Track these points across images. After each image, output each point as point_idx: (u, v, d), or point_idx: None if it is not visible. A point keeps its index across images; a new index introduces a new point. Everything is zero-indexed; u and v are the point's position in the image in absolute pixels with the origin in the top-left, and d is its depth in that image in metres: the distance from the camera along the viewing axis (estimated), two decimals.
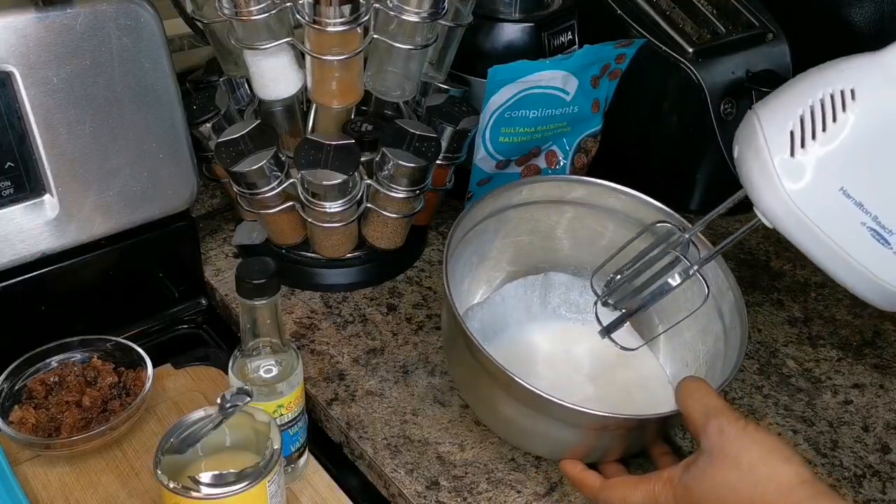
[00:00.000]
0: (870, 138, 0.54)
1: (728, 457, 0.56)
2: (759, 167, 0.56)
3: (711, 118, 0.92)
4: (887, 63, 0.54)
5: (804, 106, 0.55)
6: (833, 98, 0.54)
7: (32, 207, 0.72)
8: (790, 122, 0.55)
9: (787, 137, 0.55)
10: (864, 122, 0.54)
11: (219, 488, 0.55)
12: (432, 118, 0.85)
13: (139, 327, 0.85)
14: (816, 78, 0.56)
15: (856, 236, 0.56)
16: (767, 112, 0.58)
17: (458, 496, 0.68)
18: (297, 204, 0.82)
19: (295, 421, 0.65)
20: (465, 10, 0.83)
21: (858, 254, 0.56)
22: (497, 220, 0.79)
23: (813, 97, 0.55)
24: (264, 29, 0.75)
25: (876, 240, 0.56)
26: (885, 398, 0.81)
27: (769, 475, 0.55)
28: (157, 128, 0.76)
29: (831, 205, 0.55)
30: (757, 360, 0.84)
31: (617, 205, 0.79)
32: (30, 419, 0.69)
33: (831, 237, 0.56)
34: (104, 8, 0.69)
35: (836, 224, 0.56)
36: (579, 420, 0.63)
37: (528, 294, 0.83)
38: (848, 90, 0.54)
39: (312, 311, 0.86)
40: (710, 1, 0.99)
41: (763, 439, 0.56)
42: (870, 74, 0.54)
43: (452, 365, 0.76)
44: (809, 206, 0.56)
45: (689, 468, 0.58)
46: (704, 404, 0.59)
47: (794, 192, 0.55)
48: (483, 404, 0.71)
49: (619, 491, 0.62)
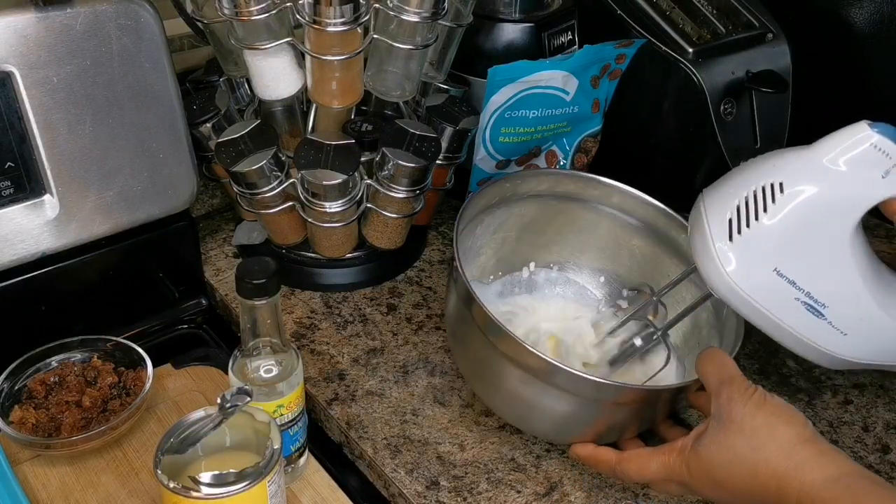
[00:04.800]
0: (797, 224, 0.61)
1: (733, 422, 0.58)
2: (703, 249, 0.63)
3: (711, 118, 0.92)
4: (813, 159, 0.61)
5: (740, 197, 0.62)
6: (765, 190, 0.61)
7: (32, 207, 0.72)
8: (728, 211, 0.62)
9: (727, 224, 0.62)
10: (791, 211, 0.61)
11: (219, 488, 0.55)
12: (432, 118, 0.85)
13: (139, 327, 0.85)
14: (752, 170, 0.63)
15: (792, 310, 0.63)
16: (711, 199, 0.65)
17: (458, 496, 0.68)
18: (297, 204, 0.82)
19: (295, 421, 0.65)
20: (465, 10, 0.83)
21: (797, 325, 0.63)
22: (493, 214, 0.80)
23: (748, 189, 0.62)
24: (264, 29, 0.75)
25: (811, 313, 0.63)
26: (885, 398, 0.81)
27: (770, 437, 0.57)
28: (157, 128, 0.76)
29: (767, 283, 0.62)
30: (757, 360, 0.84)
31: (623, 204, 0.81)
32: (30, 419, 0.69)
33: (770, 311, 0.63)
34: (104, 8, 0.69)
35: (773, 300, 0.62)
36: (596, 392, 0.64)
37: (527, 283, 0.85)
38: (777, 183, 0.61)
39: (312, 311, 0.86)
40: (710, 1, 0.99)
41: (768, 405, 0.58)
42: (797, 170, 0.61)
43: (459, 353, 0.75)
44: (747, 285, 0.62)
45: (700, 437, 0.60)
46: (721, 372, 0.61)
47: (732, 273, 0.62)
48: (492, 388, 0.71)
49: (634, 463, 0.64)
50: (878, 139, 0.59)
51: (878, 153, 0.59)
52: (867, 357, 0.66)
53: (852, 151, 0.60)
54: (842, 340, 0.64)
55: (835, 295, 0.63)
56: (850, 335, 0.64)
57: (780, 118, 1.00)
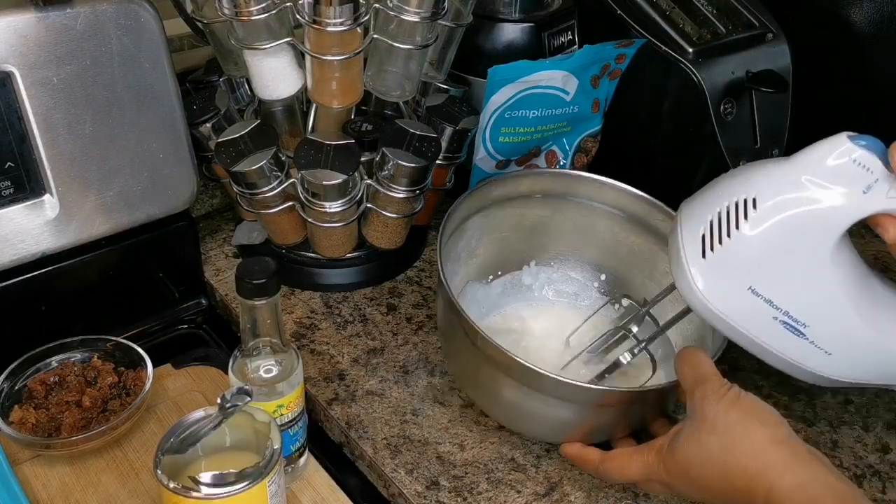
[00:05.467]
0: (772, 241, 0.58)
1: (706, 421, 0.58)
2: (677, 266, 0.61)
3: (711, 118, 0.92)
4: (789, 173, 0.58)
5: (713, 212, 0.60)
6: (738, 205, 0.59)
7: (32, 207, 0.72)
8: (702, 227, 0.60)
9: (700, 241, 0.60)
10: (766, 228, 0.58)
11: (219, 488, 0.55)
12: (432, 118, 0.85)
13: (139, 327, 0.85)
14: (728, 184, 0.61)
15: (770, 329, 0.61)
16: (686, 214, 0.62)
17: (458, 496, 0.68)
18: (297, 204, 0.82)
19: (295, 421, 0.65)
20: (465, 10, 0.83)
21: (777, 344, 0.61)
22: (484, 216, 0.81)
23: (721, 204, 0.60)
24: (264, 29, 0.75)
25: (790, 332, 0.60)
26: (885, 398, 0.81)
27: (743, 436, 0.56)
28: (157, 128, 0.76)
29: (742, 302, 0.60)
30: (757, 359, 0.84)
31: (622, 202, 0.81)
32: (30, 419, 0.69)
33: (748, 330, 0.61)
34: (104, 8, 0.69)
35: (749, 319, 0.60)
36: (579, 396, 0.64)
37: (519, 282, 0.85)
38: (751, 199, 0.58)
39: (312, 311, 0.86)
40: (710, 1, 0.99)
41: (743, 403, 0.58)
42: (772, 184, 0.58)
43: (451, 357, 0.76)
44: (721, 304, 0.60)
45: (676, 435, 0.60)
46: (696, 372, 0.61)
47: (705, 291, 0.60)
48: (484, 392, 0.71)
49: (616, 462, 0.64)
50: (860, 154, 0.56)
51: (859, 168, 0.56)
52: (854, 376, 0.64)
53: (832, 166, 0.56)
54: (826, 360, 0.62)
55: (815, 314, 0.60)
56: (834, 354, 0.61)
57: (780, 118, 1.00)
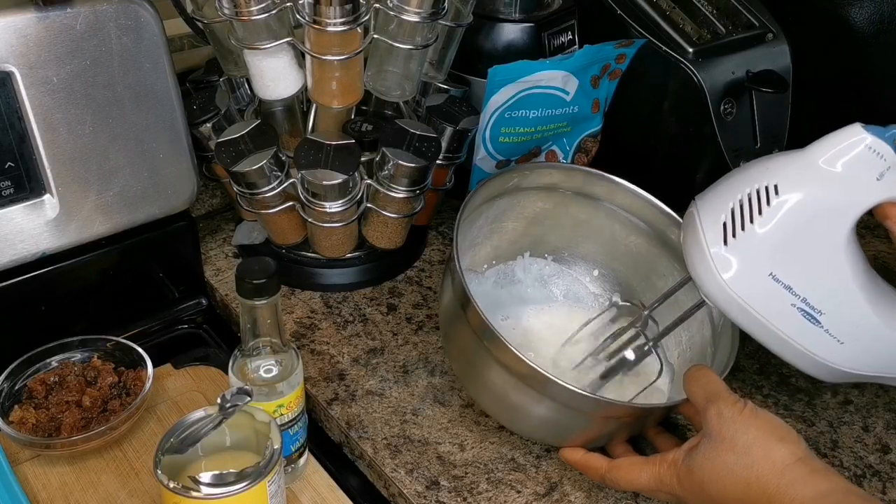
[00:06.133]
0: (792, 228, 0.60)
1: (725, 440, 0.58)
2: (698, 256, 0.62)
3: (711, 118, 0.92)
4: (807, 161, 0.60)
5: (734, 200, 0.61)
6: (759, 193, 0.60)
7: (32, 207, 0.72)
8: (723, 214, 0.61)
9: (721, 228, 0.61)
10: (786, 214, 0.60)
11: (219, 488, 0.55)
12: (432, 118, 0.85)
13: (139, 327, 0.85)
14: (746, 174, 0.63)
15: (788, 316, 0.62)
16: (705, 204, 0.64)
17: (458, 496, 0.68)
18: (297, 204, 0.82)
19: (295, 421, 0.65)
20: (465, 10, 0.83)
21: (792, 332, 0.62)
22: (495, 205, 0.80)
23: (742, 192, 0.61)
24: (264, 29, 0.75)
25: (807, 319, 0.62)
26: (885, 398, 0.81)
27: (764, 455, 0.56)
28: (157, 128, 0.76)
29: (763, 289, 0.61)
30: (757, 360, 0.84)
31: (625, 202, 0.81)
32: (30, 419, 0.69)
33: (766, 318, 0.62)
34: (104, 8, 0.69)
35: (768, 306, 0.62)
36: (591, 406, 0.64)
37: (525, 276, 0.85)
38: (772, 186, 0.60)
39: (312, 311, 0.86)
40: (710, 1, 0.99)
41: (759, 421, 0.58)
42: (791, 172, 0.60)
43: (451, 350, 0.75)
44: (743, 291, 0.61)
45: (691, 451, 0.60)
46: (706, 390, 0.61)
47: (728, 278, 0.61)
48: (484, 388, 0.70)
49: (625, 471, 0.64)
50: (872, 140, 0.59)
51: (872, 155, 0.59)
52: (863, 368, 0.65)
53: (847, 154, 0.59)
54: (838, 349, 0.63)
55: (831, 301, 0.62)
56: (846, 343, 0.63)
57: (780, 118, 1.00)
